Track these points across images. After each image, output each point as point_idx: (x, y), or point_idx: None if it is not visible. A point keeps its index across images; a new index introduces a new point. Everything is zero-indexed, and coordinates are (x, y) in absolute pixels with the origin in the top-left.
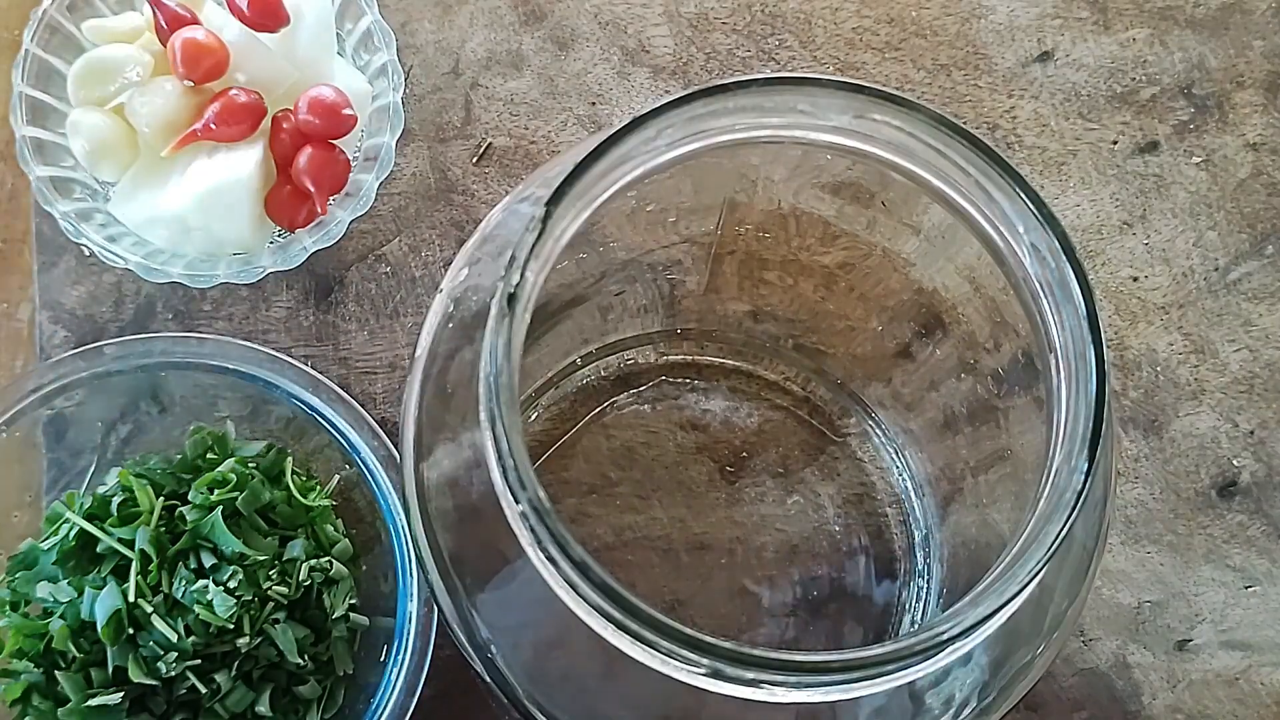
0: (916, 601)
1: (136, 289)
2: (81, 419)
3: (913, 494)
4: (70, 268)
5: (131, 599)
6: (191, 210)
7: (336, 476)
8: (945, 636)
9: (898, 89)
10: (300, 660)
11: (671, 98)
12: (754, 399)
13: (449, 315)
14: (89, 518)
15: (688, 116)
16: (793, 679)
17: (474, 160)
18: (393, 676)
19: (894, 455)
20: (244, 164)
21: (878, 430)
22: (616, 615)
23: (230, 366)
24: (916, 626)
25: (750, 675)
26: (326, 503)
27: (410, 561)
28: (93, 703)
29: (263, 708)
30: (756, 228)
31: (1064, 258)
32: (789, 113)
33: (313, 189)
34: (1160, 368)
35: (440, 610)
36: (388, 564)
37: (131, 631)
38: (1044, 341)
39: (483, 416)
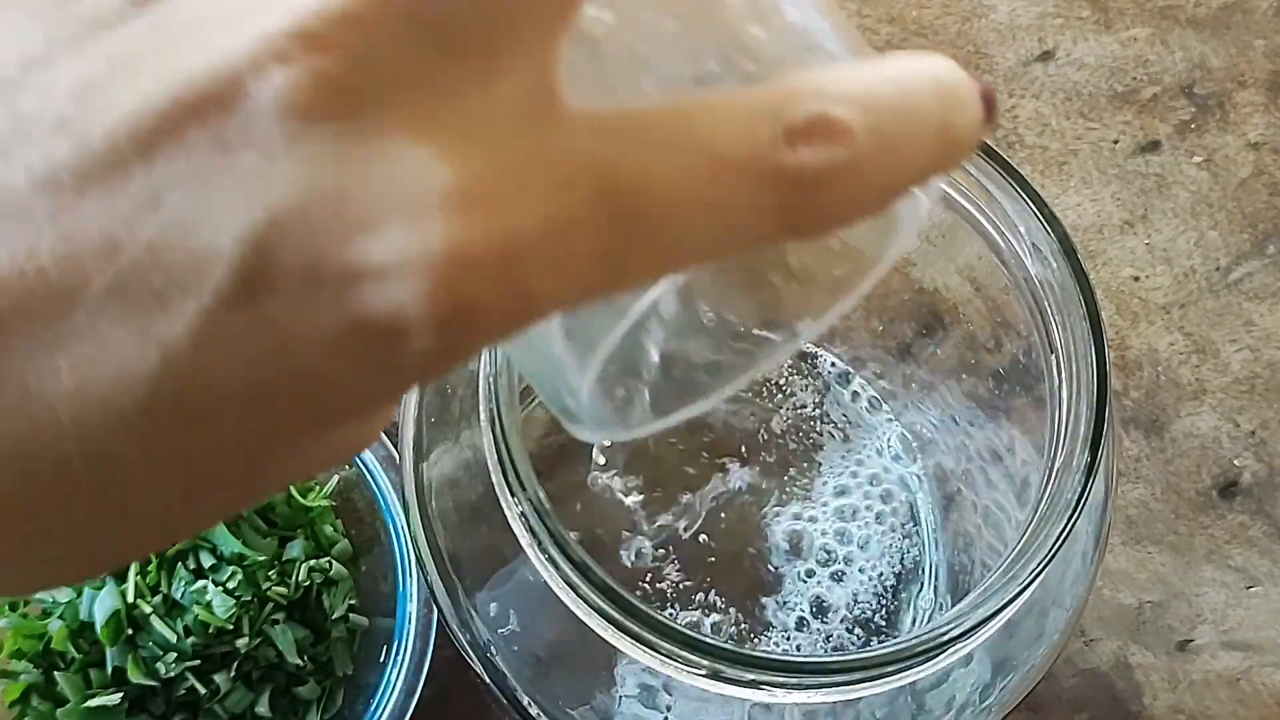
0: (917, 602)
1: None
2: None
3: (914, 493)
4: None
5: (130, 599)
6: None
7: (336, 476)
8: (946, 637)
9: None
10: (300, 661)
11: None
12: (755, 400)
13: None
14: None
15: None
16: (793, 680)
17: None
18: (392, 677)
19: (895, 455)
20: None
21: (878, 430)
22: (616, 615)
23: None
24: (917, 627)
25: (750, 676)
26: (326, 503)
27: (410, 561)
28: (92, 703)
29: (262, 708)
30: None
31: (1065, 258)
32: None
33: None
34: (1161, 368)
35: (440, 610)
36: (388, 564)
37: (130, 632)
38: (1045, 342)
39: (482, 416)
